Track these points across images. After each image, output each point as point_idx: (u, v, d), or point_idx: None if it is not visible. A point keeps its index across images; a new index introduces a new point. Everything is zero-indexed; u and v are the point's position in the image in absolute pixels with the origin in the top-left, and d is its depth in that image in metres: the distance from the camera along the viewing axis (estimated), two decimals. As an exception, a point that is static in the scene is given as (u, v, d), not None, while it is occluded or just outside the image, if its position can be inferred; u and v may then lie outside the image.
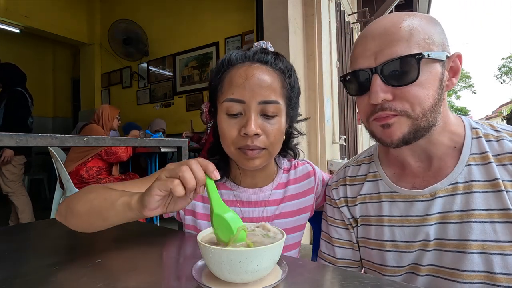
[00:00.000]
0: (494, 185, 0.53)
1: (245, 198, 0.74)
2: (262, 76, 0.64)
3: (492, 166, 0.54)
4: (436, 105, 0.54)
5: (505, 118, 17.11)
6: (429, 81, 0.53)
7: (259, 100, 0.62)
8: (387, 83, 0.54)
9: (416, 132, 0.55)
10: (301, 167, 0.82)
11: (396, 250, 0.60)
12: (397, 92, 0.54)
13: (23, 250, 0.61)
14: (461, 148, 0.58)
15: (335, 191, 0.73)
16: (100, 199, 0.55)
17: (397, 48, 0.53)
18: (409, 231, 0.59)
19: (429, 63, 0.53)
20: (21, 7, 4.39)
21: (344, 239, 0.70)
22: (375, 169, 0.68)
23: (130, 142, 1.11)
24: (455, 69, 0.57)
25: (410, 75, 0.52)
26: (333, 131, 2.69)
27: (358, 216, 0.67)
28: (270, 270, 0.42)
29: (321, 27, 2.40)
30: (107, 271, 0.49)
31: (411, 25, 0.54)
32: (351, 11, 3.91)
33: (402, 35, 0.53)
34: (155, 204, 0.47)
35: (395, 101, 0.54)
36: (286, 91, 0.68)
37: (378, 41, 0.55)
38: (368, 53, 0.56)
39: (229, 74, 0.66)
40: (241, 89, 0.63)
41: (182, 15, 4.31)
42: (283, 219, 0.74)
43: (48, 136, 0.79)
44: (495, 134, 0.57)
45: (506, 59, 27.20)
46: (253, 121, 0.62)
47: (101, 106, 2.86)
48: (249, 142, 0.63)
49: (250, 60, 0.66)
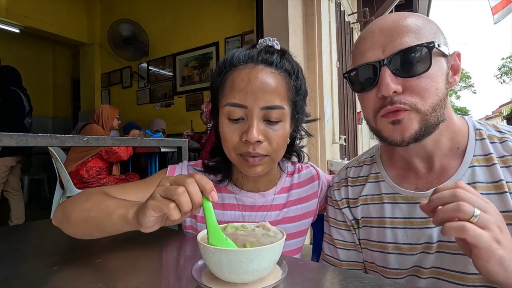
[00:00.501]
0: (498, 187, 0.52)
1: (247, 203, 0.72)
2: (266, 79, 0.60)
3: (496, 168, 0.53)
4: (444, 100, 0.54)
5: (505, 118, 17.10)
6: (438, 74, 0.53)
7: (262, 105, 0.59)
8: (397, 75, 0.53)
9: (427, 129, 0.54)
10: (305, 171, 0.80)
11: (398, 253, 0.59)
12: (407, 84, 0.53)
13: (23, 250, 0.61)
14: (464, 150, 0.57)
15: (337, 192, 0.72)
16: (96, 210, 0.54)
17: (407, 39, 0.52)
18: (412, 234, 0.58)
19: (437, 55, 0.53)
20: (21, 7, 4.39)
21: (347, 240, 0.69)
22: (377, 170, 0.67)
23: (130, 142, 1.11)
24: (455, 67, 0.58)
25: (422, 65, 0.52)
26: (333, 131, 2.69)
27: (359, 218, 0.66)
28: (270, 270, 0.42)
29: (321, 27, 2.40)
30: (107, 271, 0.49)
31: (417, 20, 0.55)
32: (351, 11, 3.91)
33: (410, 28, 0.53)
34: (150, 224, 0.46)
35: (405, 94, 0.53)
36: (292, 94, 0.64)
37: (387, 34, 0.54)
38: (376, 46, 0.55)
39: (231, 76, 0.63)
40: (243, 93, 0.60)
41: (182, 15, 4.31)
42: (286, 224, 0.73)
43: (48, 136, 0.79)
44: (499, 135, 0.57)
45: (506, 59, 27.20)
46: (255, 128, 0.59)
47: (101, 106, 2.86)
48: (250, 149, 0.60)
49: (253, 61, 0.62)
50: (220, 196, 0.73)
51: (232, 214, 0.71)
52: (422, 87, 0.52)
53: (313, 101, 2.37)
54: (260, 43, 0.67)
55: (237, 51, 0.65)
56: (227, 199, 0.72)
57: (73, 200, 0.60)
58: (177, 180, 0.44)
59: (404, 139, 0.55)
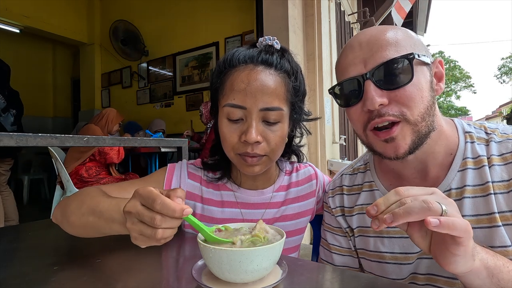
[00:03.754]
0: (484, 189, 0.53)
1: (246, 200, 0.73)
2: (265, 81, 0.60)
3: (484, 170, 0.54)
4: (431, 108, 0.54)
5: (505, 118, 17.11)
6: (422, 83, 0.53)
7: (261, 106, 0.60)
8: (382, 87, 0.53)
9: (419, 139, 0.54)
10: (302, 170, 0.81)
11: (395, 262, 0.60)
12: (391, 95, 0.53)
13: (23, 250, 0.61)
14: (456, 154, 0.57)
15: (332, 200, 0.72)
16: (94, 216, 0.53)
17: (386, 52, 0.53)
18: (408, 242, 0.58)
19: (419, 64, 0.53)
20: (21, 7, 4.38)
21: (342, 246, 0.69)
22: (370, 179, 0.67)
23: (130, 142, 1.11)
24: (439, 75, 0.58)
25: (404, 76, 0.52)
26: (333, 131, 2.69)
27: (355, 227, 0.66)
28: (270, 270, 0.42)
29: (321, 27, 2.40)
30: (107, 271, 0.49)
31: (395, 33, 0.55)
32: (351, 11, 3.91)
33: (389, 41, 0.54)
34: None
35: (391, 105, 0.53)
36: (290, 95, 0.65)
37: (366, 48, 0.55)
38: (357, 60, 0.55)
39: (231, 76, 0.63)
40: (243, 94, 0.60)
41: (182, 15, 4.31)
42: (284, 222, 0.74)
43: (48, 136, 0.79)
44: (486, 137, 0.57)
45: (506, 59, 27.19)
46: (254, 129, 0.60)
47: (109, 108, 2.90)
48: (249, 150, 0.61)
49: (253, 61, 0.62)
50: (219, 194, 0.74)
51: (231, 211, 0.72)
52: (407, 96, 0.52)
53: (313, 101, 2.38)
54: (260, 42, 0.67)
55: (237, 51, 0.65)
56: (225, 197, 0.73)
57: (70, 201, 0.59)
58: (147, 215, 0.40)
59: (399, 155, 0.55)
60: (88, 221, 0.54)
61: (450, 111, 29.05)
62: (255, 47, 0.66)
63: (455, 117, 0.65)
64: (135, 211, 0.41)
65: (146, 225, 0.41)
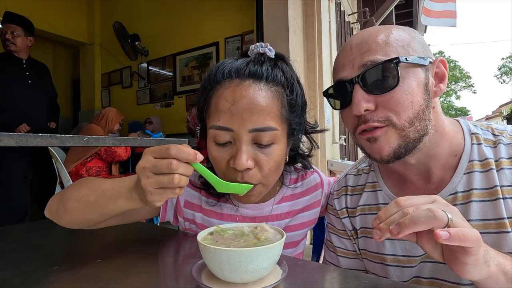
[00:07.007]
0: (492, 193, 0.51)
1: (246, 214, 0.70)
2: (254, 98, 0.53)
3: (492, 173, 0.52)
4: (423, 112, 0.52)
5: (505, 118, 17.11)
6: (412, 87, 0.51)
7: (250, 128, 0.53)
8: (369, 92, 0.52)
9: (407, 145, 0.53)
10: (308, 179, 0.76)
11: (397, 265, 0.59)
12: (379, 100, 0.52)
13: (23, 250, 0.61)
14: (461, 156, 0.56)
15: (337, 201, 0.71)
16: (95, 195, 0.53)
17: (374, 56, 0.52)
18: (411, 245, 0.57)
19: (409, 68, 0.52)
20: (21, 7, 4.38)
21: (348, 249, 0.68)
22: (374, 179, 0.66)
23: (130, 142, 1.11)
24: (440, 75, 0.56)
25: (390, 81, 0.51)
26: (333, 131, 2.69)
27: (358, 228, 0.66)
28: (270, 270, 0.42)
29: (321, 27, 2.40)
30: (107, 271, 0.49)
31: (387, 34, 0.54)
32: (351, 11, 3.91)
33: (378, 44, 0.53)
34: (159, 204, 0.46)
35: (378, 111, 0.52)
36: (286, 111, 0.57)
37: (356, 51, 0.54)
38: (347, 62, 0.55)
39: (216, 94, 0.56)
40: (228, 115, 0.53)
41: (182, 15, 4.31)
42: (288, 233, 0.70)
43: (48, 136, 0.79)
44: (493, 139, 0.56)
45: (506, 59, 27.20)
46: (243, 153, 0.53)
47: (109, 108, 2.91)
48: (239, 178, 0.55)
49: (239, 76, 0.55)
50: (219, 206, 0.71)
51: None
52: (394, 102, 0.51)
53: (313, 101, 2.38)
54: (251, 50, 0.61)
55: (222, 64, 0.58)
56: (225, 209, 0.71)
57: (66, 190, 0.58)
58: (164, 162, 0.43)
59: (383, 158, 0.54)
60: (89, 201, 0.53)
61: (450, 111, 29.02)
62: (247, 55, 0.61)
63: (455, 117, 0.64)
64: (150, 164, 0.43)
65: (162, 175, 0.43)
